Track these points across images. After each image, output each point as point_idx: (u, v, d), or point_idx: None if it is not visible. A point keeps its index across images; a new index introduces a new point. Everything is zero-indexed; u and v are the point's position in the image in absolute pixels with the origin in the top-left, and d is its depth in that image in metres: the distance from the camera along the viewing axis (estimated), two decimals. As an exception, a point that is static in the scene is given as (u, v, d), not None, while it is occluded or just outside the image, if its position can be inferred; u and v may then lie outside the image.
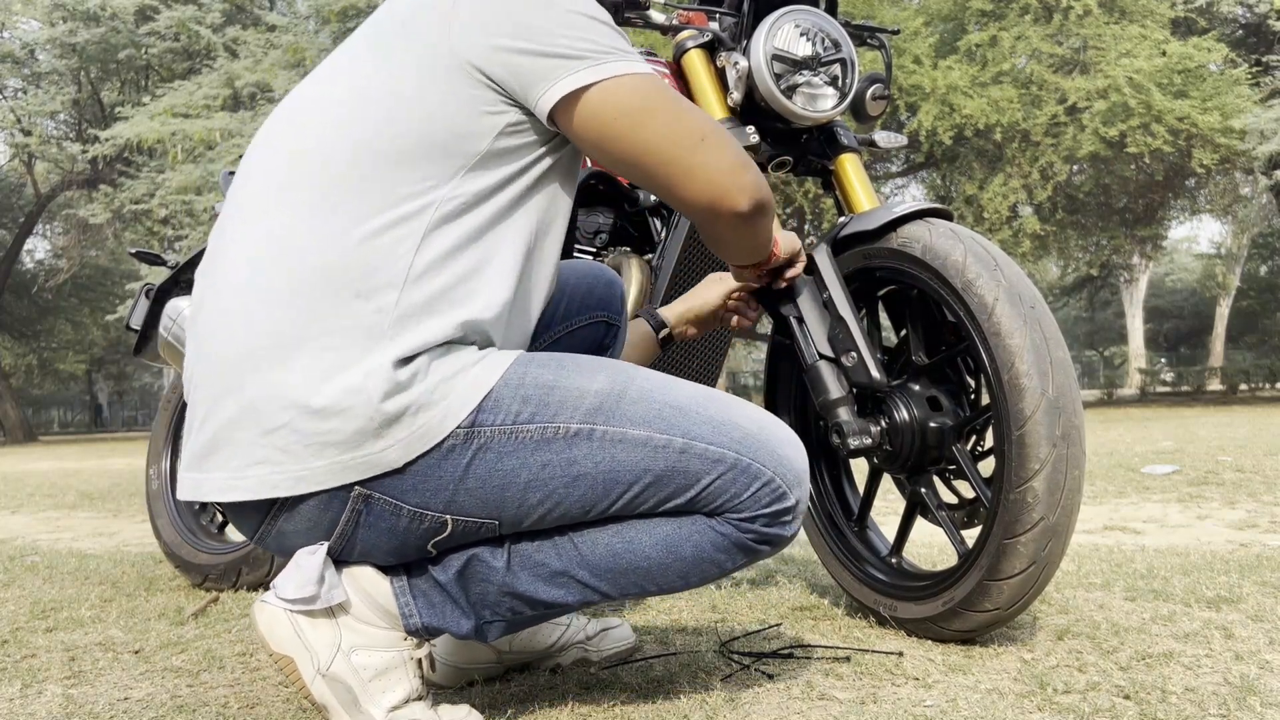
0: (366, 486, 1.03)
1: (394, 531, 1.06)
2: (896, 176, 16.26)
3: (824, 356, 1.52)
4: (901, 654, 1.41)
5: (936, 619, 1.46)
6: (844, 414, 1.49)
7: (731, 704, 1.21)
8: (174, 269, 2.29)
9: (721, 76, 1.72)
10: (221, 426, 1.03)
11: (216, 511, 2.44)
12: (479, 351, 1.06)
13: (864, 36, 1.88)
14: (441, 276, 1.04)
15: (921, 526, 2.42)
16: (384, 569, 1.11)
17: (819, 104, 1.69)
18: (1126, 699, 1.18)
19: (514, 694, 1.30)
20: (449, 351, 1.04)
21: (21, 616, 1.91)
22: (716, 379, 2.02)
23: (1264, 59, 13.85)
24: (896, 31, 1.94)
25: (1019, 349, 1.34)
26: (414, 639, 1.11)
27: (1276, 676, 1.25)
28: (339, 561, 1.10)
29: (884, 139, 1.86)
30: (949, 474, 1.58)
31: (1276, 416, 9.40)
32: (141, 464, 8.55)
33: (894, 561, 1.65)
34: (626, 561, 1.08)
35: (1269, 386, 23.24)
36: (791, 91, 1.67)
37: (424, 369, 1.01)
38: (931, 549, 2.44)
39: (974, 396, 1.54)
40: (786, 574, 2.15)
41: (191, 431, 1.08)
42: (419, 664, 1.11)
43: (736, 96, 1.68)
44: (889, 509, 3.18)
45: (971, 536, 1.49)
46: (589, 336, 1.40)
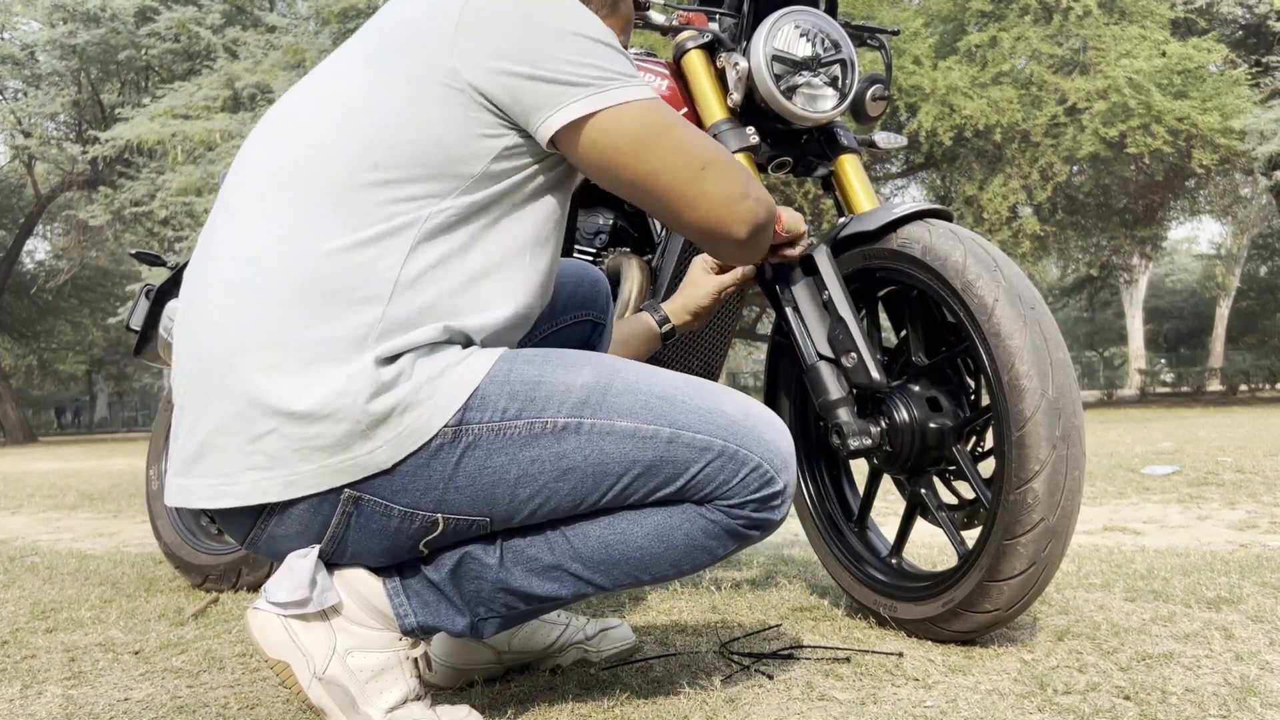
0: (356, 489, 1.02)
1: (385, 532, 1.06)
2: (896, 177, 16.25)
3: (824, 357, 1.52)
4: (901, 655, 1.41)
5: (936, 620, 1.46)
6: (844, 415, 1.49)
7: (731, 705, 1.21)
8: (174, 270, 2.29)
9: (721, 77, 1.72)
10: (210, 432, 1.03)
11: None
12: (463, 350, 1.06)
13: (864, 37, 1.87)
14: (429, 290, 1.03)
15: (921, 527, 2.42)
16: (376, 570, 1.11)
17: (819, 105, 1.69)
18: (1126, 700, 1.18)
19: (513, 694, 1.30)
20: (433, 351, 1.04)
21: (21, 617, 1.91)
22: (717, 379, 2.02)
23: (1264, 59, 13.85)
24: (896, 32, 1.94)
25: (1019, 350, 1.34)
26: (409, 639, 1.11)
27: (1276, 677, 1.25)
28: (331, 564, 1.10)
29: (884, 140, 1.86)
30: (949, 475, 1.58)
31: (1277, 417, 9.40)
32: (141, 464, 8.55)
33: (894, 562, 1.65)
34: (619, 553, 1.08)
35: (1269, 387, 23.24)
36: (791, 92, 1.67)
37: (409, 368, 1.01)
38: (931, 550, 2.44)
39: (974, 397, 1.54)
40: (786, 574, 2.15)
41: (179, 435, 1.08)
42: (415, 664, 1.11)
43: (736, 97, 1.68)
44: (889, 510, 3.18)
45: (971, 537, 1.49)
46: (575, 336, 1.40)
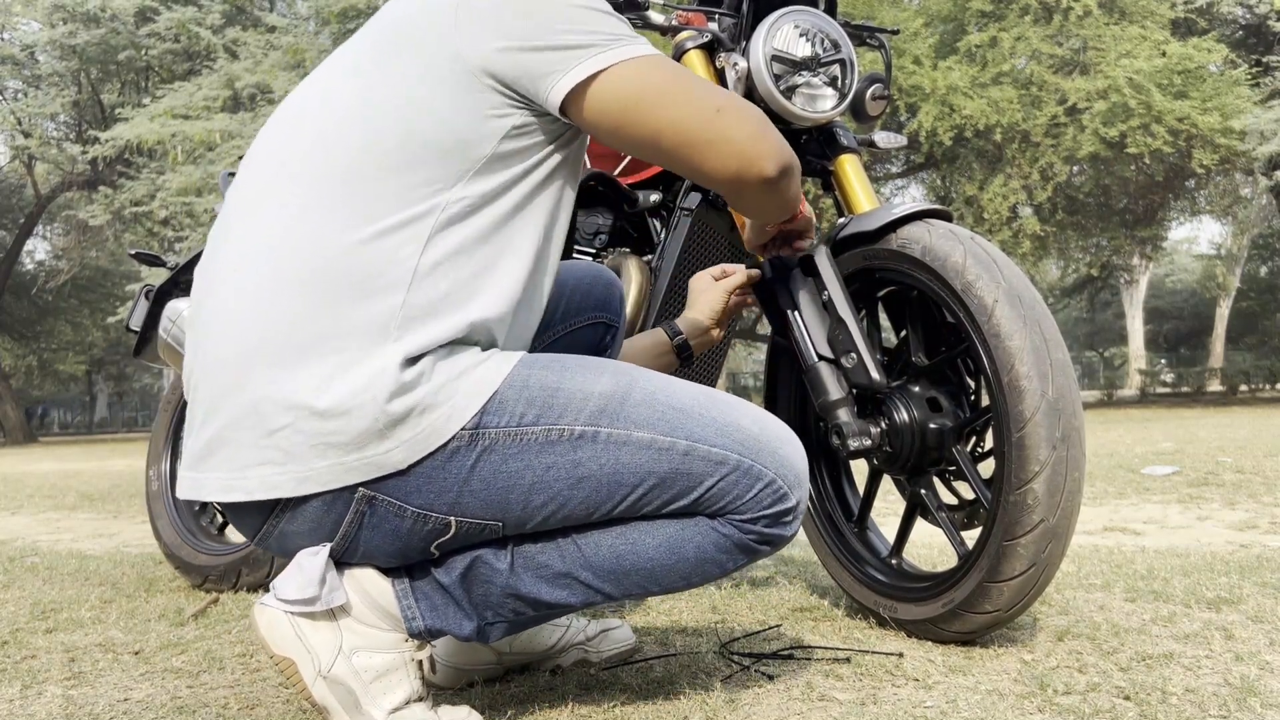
0: (371, 488, 1.02)
1: (398, 533, 1.06)
2: (896, 177, 16.26)
3: (824, 358, 1.52)
4: (902, 655, 1.41)
5: (936, 620, 1.46)
6: (844, 415, 1.49)
7: (731, 705, 1.21)
8: (174, 270, 2.29)
9: (721, 77, 1.72)
10: (223, 426, 1.03)
11: (216, 512, 2.44)
12: (483, 353, 1.06)
13: (864, 37, 1.87)
14: (448, 278, 1.04)
15: (921, 528, 2.42)
16: (385, 570, 1.11)
17: (818, 105, 1.69)
18: (1127, 700, 1.18)
19: (514, 695, 1.30)
20: (453, 353, 1.04)
21: (21, 617, 1.91)
22: (716, 379, 2.02)
23: (1264, 59, 13.85)
24: (896, 32, 1.94)
25: (1019, 350, 1.34)
26: (415, 641, 1.11)
27: (1276, 677, 1.25)
28: (340, 563, 1.10)
29: (884, 140, 1.86)
30: (949, 475, 1.58)
31: (1277, 417, 9.40)
32: (141, 465, 8.55)
33: (894, 562, 1.65)
34: (629, 563, 1.08)
35: (1269, 387, 23.24)
36: (791, 92, 1.66)
37: (429, 370, 1.02)
38: (931, 550, 2.44)
39: (974, 398, 1.54)
40: (786, 575, 2.15)
41: (192, 430, 1.08)
42: (420, 665, 1.11)
43: (736, 97, 1.68)
44: (889, 510, 3.18)
45: (971, 538, 1.49)
46: (588, 337, 1.40)
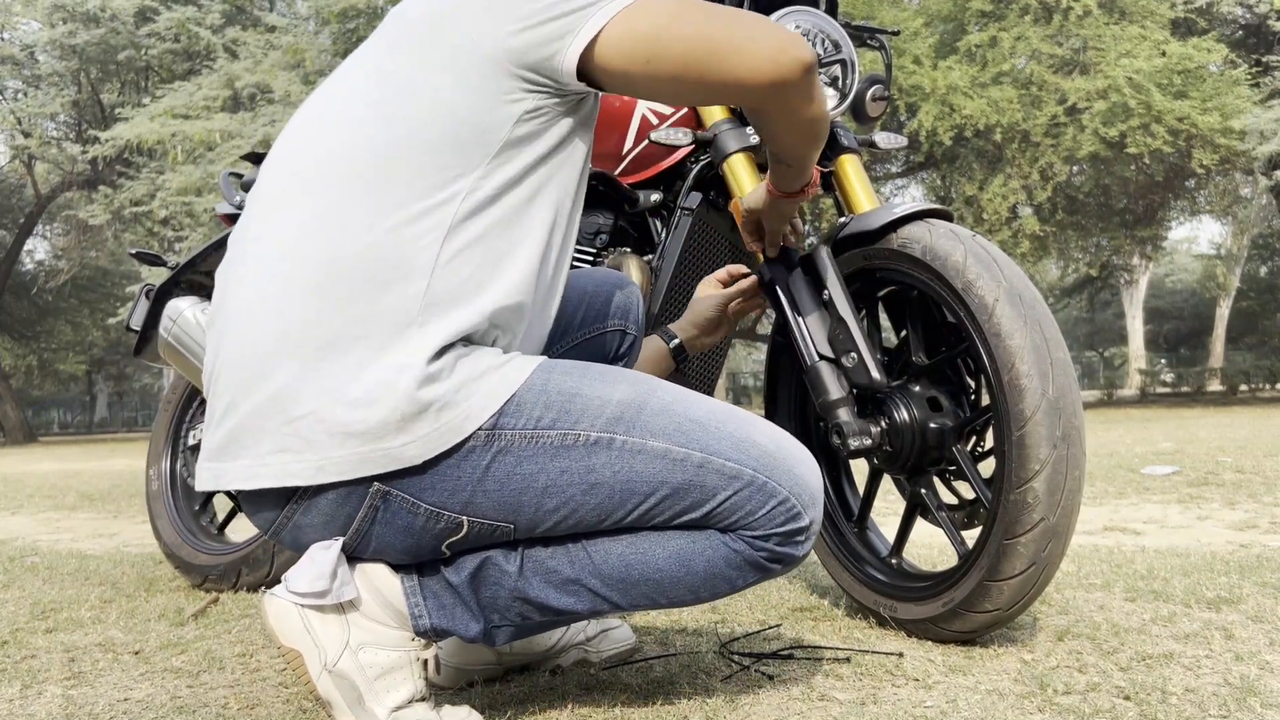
0: (385, 483, 1.03)
1: (410, 530, 1.06)
2: (896, 177, 16.26)
3: (824, 357, 1.52)
4: (902, 655, 1.41)
5: (937, 620, 1.46)
6: (844, 415, 1.49)
7: (731, 705, 1.21)
8: (174, 270, 2.29)
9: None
10: (247, 415, 1.04)
11: (217, 512, 2.44)
12: (503, 354, 1.07)
13: (864, 37, 1.87)
14: (469, 265, 1.05)
15: (922, 527, 2.42)
16: (396, 568, 1.11)
17: (819, 105, 1.68)
18: (1127, 700, 1.18)
19: (514, 695, 1.30)
20: (473, 351, 1.05)
21: (21, 617, 1.91)
22: (716, 380, 2.02)
23: (1264, 59, 13.85)
24: (896, 32, 1.94)
25: (1019, 350, 1.34)
26: (421, 639, 1.11)
27: (1276, 677, 1.25)
28: (352, 558, 1.11)
29: (884, 140, 1.86)
30: (949, 475, 1.58)
31: (1277, 417, 9.40)
32: (141, 465, 8.55)
33: (894, 562, 1.65)
34: (638, 572, 1.09)
35: (1269, 387, 23.23)
36: (791, 92, 1.66)
37: (450, 367, 1.03)
38: (932, 550, 2.44)
39: (974, 397, 1.54)
40: (786, 575, 2.14)
41: (213, 424, 1.08)
42: (424, 665, 1.12)
43: (736, 97, 1.68)
44: (889, 509, 3.18)
45: (971, 537, 1.49)
46: (604, 345, 1.40)
